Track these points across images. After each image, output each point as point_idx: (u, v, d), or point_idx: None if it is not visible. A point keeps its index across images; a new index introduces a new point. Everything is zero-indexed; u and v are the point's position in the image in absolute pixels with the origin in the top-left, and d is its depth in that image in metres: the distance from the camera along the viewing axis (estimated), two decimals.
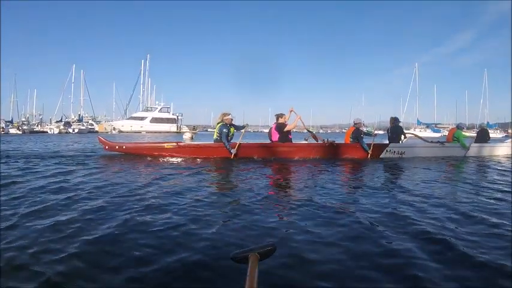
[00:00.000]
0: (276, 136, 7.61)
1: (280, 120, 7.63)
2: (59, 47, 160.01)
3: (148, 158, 7.27)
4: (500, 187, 4.29)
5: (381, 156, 8.11)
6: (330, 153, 7.76)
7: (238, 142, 7.28)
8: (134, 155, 7.71)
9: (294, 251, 2.01)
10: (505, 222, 2.63)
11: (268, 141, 7.86)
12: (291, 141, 7.75)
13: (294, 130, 8.02)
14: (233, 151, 7.20)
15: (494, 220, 2.68)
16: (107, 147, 8.03)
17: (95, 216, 2.70)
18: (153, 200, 3.26)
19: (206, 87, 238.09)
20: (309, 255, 1.93)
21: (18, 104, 54.27)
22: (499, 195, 3.76)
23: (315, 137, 8.25)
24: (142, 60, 54.46)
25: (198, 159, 7.13)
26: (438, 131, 42.46)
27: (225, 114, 7.40)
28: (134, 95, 53.94)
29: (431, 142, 9.03)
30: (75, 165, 6.11)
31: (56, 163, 6.37)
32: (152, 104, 51.95)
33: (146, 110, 50.58)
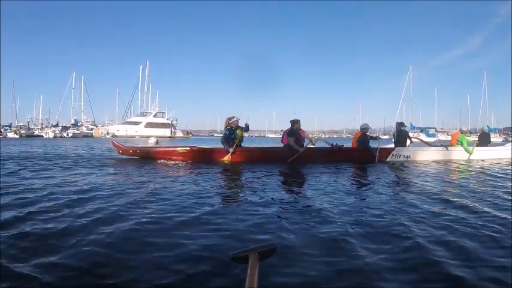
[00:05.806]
0: (287, 140, 7.95)
1: (295, 127, 7.94)
2: (66, 55, 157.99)
3: (162, 161, 7.41)
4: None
5: (387, 159, 8.38)
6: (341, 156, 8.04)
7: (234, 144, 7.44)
8: (148, 158, 7.82)
9: (294, 250, 1.98)
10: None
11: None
12: (302, 146, 8.02)
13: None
14: (231, 150, 7.40)
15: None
16: (120, 151, 8.15)
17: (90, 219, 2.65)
18: (158, 201, 3.33)
19: (213, 93, 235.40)
20: (309, 256, 1.93)
21: (19, 109, 54.77)
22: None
23: (326, 142, 8.55)
24: (141, 66, 54.85)
25: (210, 163, 7.21)
26: (433, 136, 42.38)
27: (229, 119, 7.59)
28: (133, 100, 54.26)
29: (435, 146, 9.36)
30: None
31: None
32: (155, 110, 52.18)
33: (141, 115, 50.71)
